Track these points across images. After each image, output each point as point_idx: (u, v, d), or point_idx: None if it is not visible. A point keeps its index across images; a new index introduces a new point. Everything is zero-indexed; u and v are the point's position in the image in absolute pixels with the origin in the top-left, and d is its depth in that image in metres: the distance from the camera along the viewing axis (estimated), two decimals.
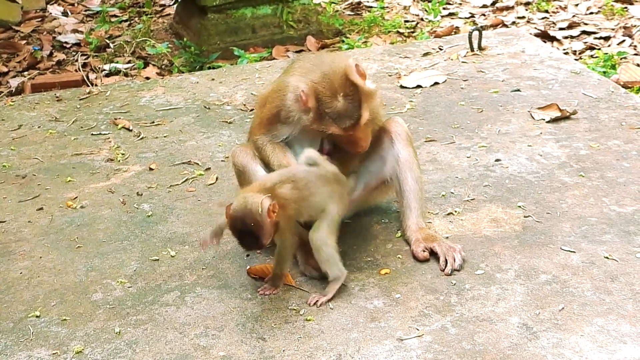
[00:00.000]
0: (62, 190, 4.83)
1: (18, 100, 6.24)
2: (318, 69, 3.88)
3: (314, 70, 3.89)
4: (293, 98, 3.87)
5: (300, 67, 4.02)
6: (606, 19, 8.06)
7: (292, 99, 3.87)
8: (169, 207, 4.59)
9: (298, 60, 4.19)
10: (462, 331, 3.48)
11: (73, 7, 9.33)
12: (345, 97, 3.78)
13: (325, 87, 3.79)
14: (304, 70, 3.97)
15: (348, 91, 3.78)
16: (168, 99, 6.08)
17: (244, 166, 4.11)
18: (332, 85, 3.78)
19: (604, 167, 4.72)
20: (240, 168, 4.13)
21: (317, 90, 3.78)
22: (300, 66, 4.04)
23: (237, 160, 4.15)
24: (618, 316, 3.51)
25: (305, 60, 4.13)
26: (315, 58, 4.09)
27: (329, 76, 3.81)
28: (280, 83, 4.07)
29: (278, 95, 3.99)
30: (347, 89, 3.78)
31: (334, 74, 3.82)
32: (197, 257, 4.11)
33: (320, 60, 4.01)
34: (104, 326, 3.65)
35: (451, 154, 4.98)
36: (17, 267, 4.13)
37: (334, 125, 3.79)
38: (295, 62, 4.21)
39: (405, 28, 8.18)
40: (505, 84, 5.94)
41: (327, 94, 3.78)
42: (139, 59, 7.63)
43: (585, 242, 4.03)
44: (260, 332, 3.54)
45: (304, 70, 3.96)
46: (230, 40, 7.73)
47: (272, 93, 4.06)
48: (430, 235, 4.04)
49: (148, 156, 5.21)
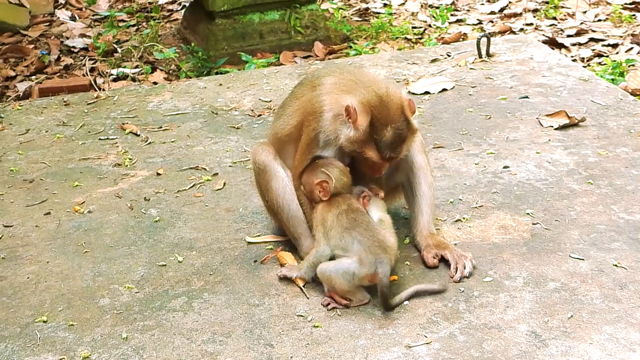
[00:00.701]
0: (70, 195, 4.83)
1: (26, 104, 6.24)
2: (366, 89, 3.79)
3: (356, 89, 3.81)
4: (332, 116, 3.81)
5: (335, 84, 3.90)
6: (614, 26, 8.06)
7: (330, 117, 3.82)
8: (177, 212, 4.59)
9: (327, 76, 4.01)
10: (471, 338, 3.46)
11: (81, 12, 9.35)
12: (395, 129, 3.73)
13: (382, 114, 3.72)
14: (340, 87, 3.88)
15: (400, 124, 3.74)
16: (175, 104, 6.08)
17: (265, 165, 4.07)
18: (388, 114, 3.72)
19: (612, 175, 4.70)
20: (261, 167, 4.09)
21: (373, 114, 3.72)
22: (334, 83, 3.92)
23: (258, 159, 4.10)
24: (627, 324, 3.50)
25: (336, 75, 3.99)
26: (349, 75, 3.97)
27: (387, 104, 3.74)
28: (314, 103, 3.92)
29: (314, 117, 3.89)
30: (399, 122, 3.74)
31: (391, 103, 3.75)
32: (204, 263, 4.10)
33: (358, 77, 3.93)
34: (111, 331, 3.64)
35: (459, 161, 4.96)
36: (25, 272, 4.12)
37: (375, 151, 3.74)
38: (322, 77, 4.02)
39: (413, 34, 8.18)
40: (513, 91, 5.93)
41: (381, 121, 3.71)
42: (146, 64, 7.64)
43: (594, 250, 4.02)
44: (267, 339, 3.53)
45: (342, 88, 3.87)
46: (238, 45, 7.74)
47: (307, 116, 3.94)
48: (441, 242, 4.03)
49: (155, 161, 5.20)
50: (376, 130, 3.71)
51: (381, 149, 3.73)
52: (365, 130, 3.72)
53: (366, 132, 3.72)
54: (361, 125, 3.72)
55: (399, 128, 3.74)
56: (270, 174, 4.05)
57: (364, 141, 3.74)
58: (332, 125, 3.81)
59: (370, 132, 3.72)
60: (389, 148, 3.73)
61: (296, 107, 4.06)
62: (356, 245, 3.65)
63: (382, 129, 3.71)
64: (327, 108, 3.84)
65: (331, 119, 3.81)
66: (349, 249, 3.66)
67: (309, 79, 4.17)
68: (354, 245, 3.65)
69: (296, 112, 4.04)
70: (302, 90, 4.10)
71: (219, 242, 4.27)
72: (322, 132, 3.87)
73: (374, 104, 3.73)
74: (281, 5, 7.91)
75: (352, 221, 3.72)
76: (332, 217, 3.75)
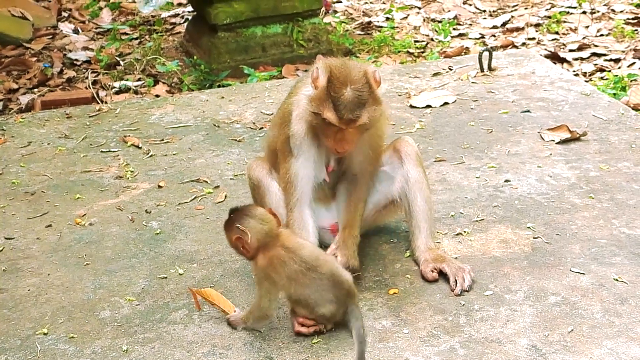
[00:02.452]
0: (71, 208, 4.84)
1: (28, 117, 6.25)
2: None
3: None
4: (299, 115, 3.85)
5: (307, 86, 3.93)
6: (616, 41, 8.06)
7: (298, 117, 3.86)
8: (178, 224, 4.59)
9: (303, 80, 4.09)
10: (471, 352, 3.46)
11: (84, 25, 9.37)
12: (355, 90, 3.68)
13: (341, 73, 3.70)
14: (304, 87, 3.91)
15: (360, 86, 3.69)
16: (178, 117, 6.09)
17: (259, 181, 4.10)
18: (348, 74, 3.70)
19: (613, 189, 4.70)
20: (255, 182, 4.12)
21: (332, 73, 3.70)
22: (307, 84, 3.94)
23: (253, 174, 4.14)
24: (628, 339, 3.49)
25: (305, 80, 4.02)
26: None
27: (349, 66, 3.74)
28: (287, 106, 4.02)
29: (286, 121, 3.95)
30: (360, 85, 3.70)
31: (353, 67, 3.75)
32: (205, 275, 4.10)
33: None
34: (111, 344, 3.64)
35: (460, 174, 4.97)
36: (25, 284, 4.12)
37: (332, 112, 3.67)
38: (298, 82, 4.13)
39: (415, 48, 8.19)
40: (515, 105, 5.93)
41: (339, 79, 3.68)
42: (149, 77, 7.65)
43: (594, 264, 4.02)
44: (267, 351, 3.53)
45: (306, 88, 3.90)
46: (240, 58, 7.75)
47: (283, 121, 4.00)
48: (439, 255, 4.02)
49: (157, 174, 5.21)
50: (334, 88, 3.68)
51: (338, 108, 3.66)
52: (323, 87, 3.69)
53: (324, 89, 3.69)
54: (320, 83, 3.71)
55: (358, 90, 3.68)
56: (264, 189, 4.07)
57: (322, 99, 3.69)
58: (300, 123, 3.85)
59: (328, 89, 3.68)
60: (347, 108, 3.65)
61: (278, 117, 4.13)
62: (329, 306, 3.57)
63: (341, 87, 3.67)
64: (295, 107, 3.88)
65: (298, 117, 3.86)
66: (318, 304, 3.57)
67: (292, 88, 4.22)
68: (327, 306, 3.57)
69: (276, 121, 4.12)
70: (285, 99, 4.17)
71: (219, 255, 4.27)
72: (291, 135, 3.90)
73: (335, 64, 3.75)
74: (284, 19, 7.92)
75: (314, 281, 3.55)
76: (281, 278, 3.56)
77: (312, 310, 3.56)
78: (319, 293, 3.55)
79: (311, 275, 3.54)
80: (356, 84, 3.69)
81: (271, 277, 3.55)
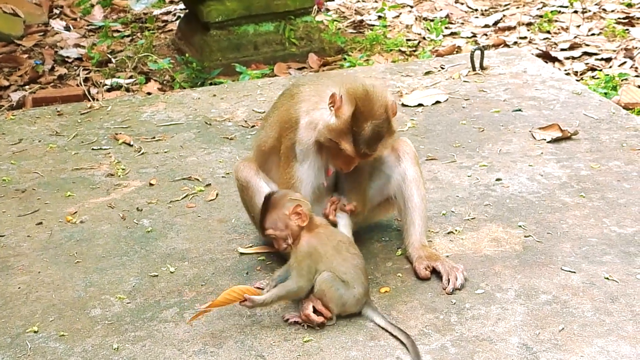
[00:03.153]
0: (62, 205, 4.82)
1: (19, 114, 6.24)
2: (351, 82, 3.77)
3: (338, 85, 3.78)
4: (307, 124, 3.83)
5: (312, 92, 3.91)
6: (608, 41, 8.08)
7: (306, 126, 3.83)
8: (169, 222, 4.59)
9: (305, 84, 4.03)
10: (462, 351, 3.46)
11: (75, 22, 9.35)
12: (375, 125, 3.69)
13: (365, 107, 3.68)
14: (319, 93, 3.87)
15: (381, 122, 3.71)
16: (169, 115, 6.08)
17: (248, 181, 4.09)
18: (372, 109, 3.69)
19: (604, 188, 4.71)
20: (243, 183, 4.11)
21: (357, 105, 3.68)
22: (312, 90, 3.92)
23: (241, 175, 4.12)
24: (618, 337, 3.50)
25: (313, 83, 4.00)
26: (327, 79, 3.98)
27: (372, 99, 3.71)
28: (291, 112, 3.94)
29: (291, 127, 3.91)
30: (381, 120, 3.71)
31: (376, 99, 3.72)
32: (196, 274, 4.10)
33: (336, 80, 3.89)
34: (102, 342, 3.63)
35: (452, 173, 4.97)
36: (16, 282, 4.11)
37: (350, 145, 3.70)
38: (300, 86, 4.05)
39: (407, 47, 8.20)
40: (506, 104, 5.94)
41: (363, 114, 3.67)
42: (140, 74, 7.64)
43: (585, 263, 4.02)
44: (259, 350, 3.53)
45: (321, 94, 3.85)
46: (232, 56, 7.74)
47: (284, 124, 3.95)
48: (432, 254, 4.02)
49: (148, 171, 5.20)
50: (357, 123, 3.68)
51: (358, 143, 3.69)
52: (346, 120, 3.69)
53: (347, 122, 3.69)
54: (344, 114, 3.70)
55: (379, 125, 3.71)
56: (253, 189, 4.06)
57: (343, 131, 3.70)
58: (308, 132, 3.82)
59: (351, 123, 3.68)
60: (366, 143, 3.69)
61: (276, 118, 4.08)
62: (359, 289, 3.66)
63: (363, 122, 3.68)
64: (303, 115, 3.85)
65: (307, 126, 3.83)
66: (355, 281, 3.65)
67: (288, 88, 4.18)
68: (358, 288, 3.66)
69: (276, 123, 4.06)
70: (282, 100, 4.13)
71: (211, 253, 4.26)
72: (298, 142, 3.88)
73: (359, 96, 3.71)
74: (276, 17, 7.92)
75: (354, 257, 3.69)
76: (327, 249, 3.65)
77: (340, 294, 3.61)
78: (355, 271, 3.65)
79: (352, 250, 3.70)
80: (378, 119, 3.71)
81: (317, 251, 3.62)
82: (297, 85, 4.07)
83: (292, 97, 4.01)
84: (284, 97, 4.13)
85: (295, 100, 3.96)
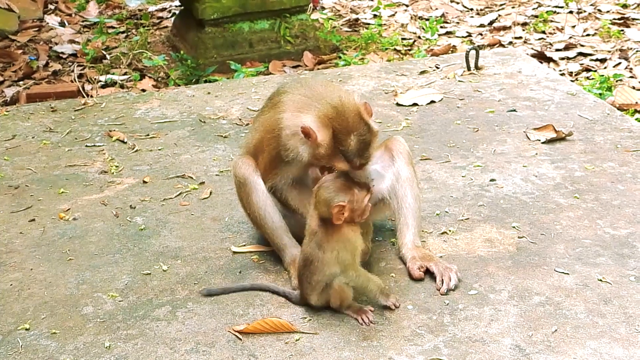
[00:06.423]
0: (55, 202, 4.81)
1: (12, 110, 6.22)
2: (321, 103, 3.76)
3: (312, 105, 3.78)
4: (290, 134, 3.81)
5: (292, 102, 3.90)
6: (602, 41, 8.08)
7: (289, 135, 3.81)
8: (162, 220, 4.57)
9: (285, 93, 4.02)
10: (455, 352, 3.46)
11: (70, 18, 9.33)
12: (359, 136, 3.69)
13: (342, 125, 3.69)
14: (297, 104, 3.86)
15: (361, 131, 3.70)
16: (163, 112, 6.07)
17: (245, 178, 4.06)
18: (348, 123, 3.69)
19: (598, 189, 4.71)
20: (241, 180, 4.08)
21: (333, 127, 3.68)
22: (291, 100, 3.91)
23: (238, 172, 4.09)
24: (611, 339, 3.50)
25: (294, 92, 3.98)
26: (306, 90, 3.95)
27: (344, 113, 3.71)
28: (273, 121, 3.94)
29: (274, 135, 3.90)
30: (361, 129, 3.71)
31: (348, 111, 3.72)
32: (189, 272, 4.09)
33: (314, 91, 3.89)
34: (93, 340, 3.62)
35: (446, 173, 4.97)
36: (8, 279, 4.10)
37: (344, 162, 3.70)
38: (282, 94, 4.04)
39: (403, 46, 8.19)
40: (501, 104, 5.94)
41: (343, 132, 3.68)
42: (135, 71, 7.62)
43: (579, 264, 4.02)
44: (251, 349, 3.52)
45: (299, 105, 3.85)
46: (227, 54, 7.73)
47: (268, 134, 3.95)
48: (426, 254, 4.02)
49: (142, 169, 5.19)
50: (340, 142, 3.68)
51: (350, 158, 3.69)
52: (329, 145, 3.70)
53: (330, 146, 3.70)
54: (324, 141, 3.70)
55: (361, 134, 3.70)
56: (251, 187, 4.04)
57: (331, 155, 3.71)
58: (292, 141, 3.81)
59: (335, 144, 3.69)
60: (357, 155, 3.70)
61: (260, 122, 4.10)
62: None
63: (346, 139, 3.68)
64: (285, 125, 3.84)
65: (290, 136, 3.81)
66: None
67: (273, 94, 4.17)
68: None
69: (260, 127, 4.09)
70: (268, 105, 4.13)
71: (204, 251, 4.26)
72: (282, 149, 3.87)
73: (331, 116, 3.71)
74: (271, 15, 7.91)
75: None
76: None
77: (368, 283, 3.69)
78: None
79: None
80: (358, 129, 3.70)
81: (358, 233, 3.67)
82: (279, 93, 4.06)
83: (274, 106, 4.01)
84: (270, 102, 4.12)
85: (276, 111, 3.95)
